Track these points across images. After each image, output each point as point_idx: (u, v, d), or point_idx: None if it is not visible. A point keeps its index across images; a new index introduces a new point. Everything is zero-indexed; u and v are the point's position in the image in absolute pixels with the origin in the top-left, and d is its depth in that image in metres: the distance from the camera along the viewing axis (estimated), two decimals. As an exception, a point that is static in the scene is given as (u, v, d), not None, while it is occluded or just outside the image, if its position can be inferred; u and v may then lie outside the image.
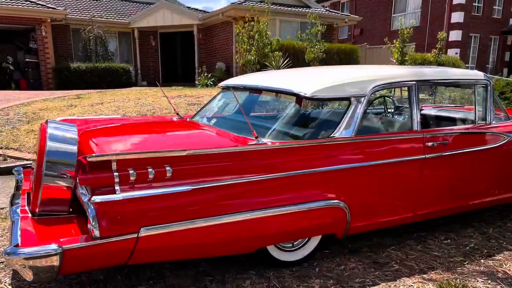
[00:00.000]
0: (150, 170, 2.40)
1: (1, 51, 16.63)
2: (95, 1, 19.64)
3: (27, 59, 16.04)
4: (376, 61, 18.58)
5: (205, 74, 14.89)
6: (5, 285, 2.79)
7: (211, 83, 14.29)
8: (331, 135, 3.05)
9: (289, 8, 16.53)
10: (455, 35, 21.75)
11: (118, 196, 2.31)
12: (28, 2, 15.37)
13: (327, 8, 20.66)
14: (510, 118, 3.98)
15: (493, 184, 3.79)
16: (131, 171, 2.36)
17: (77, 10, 17.88)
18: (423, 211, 3.41)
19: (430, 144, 3.32)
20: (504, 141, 3.71)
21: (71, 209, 2.67)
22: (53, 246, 2.18)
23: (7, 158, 6.15)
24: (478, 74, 3.82)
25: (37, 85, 15.71)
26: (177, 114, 4.17)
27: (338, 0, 29.32)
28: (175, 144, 3.13)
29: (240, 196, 2.65)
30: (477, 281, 2.91)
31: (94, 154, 2.46)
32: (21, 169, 3.56)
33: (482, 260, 3.23)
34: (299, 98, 3.41)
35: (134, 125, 3.93)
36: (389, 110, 4.76)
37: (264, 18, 11.99)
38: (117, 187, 2.34)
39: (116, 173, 2.34)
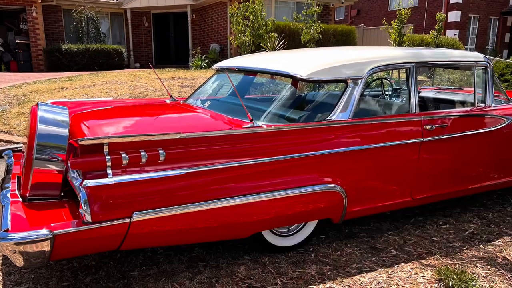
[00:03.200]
0: (143, 153, 2.36)
1: (-9, 32, 16.36)
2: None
3: (18, 41, 15.73)
4: (374, 43, 18.40)
5: (199, 55, 14.70)
6: (-5, 271, 2.75)
7: (205, 64, 14.12)
8: (328, 118, 3.00)
9: (285, -11, 16.26)
10: (454, 16, 21.53)
11: (110, 180, 2.27)
12: (18, -18, 15.02)
13: (323, -11, 20.33)
14: (510, 101, 3.93)
15: (492, 168, 3.76)
16: (123, 155, 2.32)
17: (68, -10, 17.50)
18: (421, 195, 3.37)
19: (428, 127, 3.27)
20: (504, 124, 3.66)
21: (62, 194, 2.64)
22: (44, 231, 2.15)
23: (-3, 141, 6.06)
24: (478, 56, 3.76)
25: (28, 66, 15.47)
26: (171, 96, 4.09)
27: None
28: (169, 127, 3.06)
29: (235, 180, 2.61)
30: (477, 266, 2.90)
31: (85, 137, 2.42)
32: (11, 152, 3.51)
33: (481, 246, 3.21)
34: (294, 80, 3.36)
35: (127, 107, 3.85)
36: (386, 93, 4.70)
37: (259, -2, 11.80)
38: (109, 171, 2.30)
39: (108, 157, 2.30)
